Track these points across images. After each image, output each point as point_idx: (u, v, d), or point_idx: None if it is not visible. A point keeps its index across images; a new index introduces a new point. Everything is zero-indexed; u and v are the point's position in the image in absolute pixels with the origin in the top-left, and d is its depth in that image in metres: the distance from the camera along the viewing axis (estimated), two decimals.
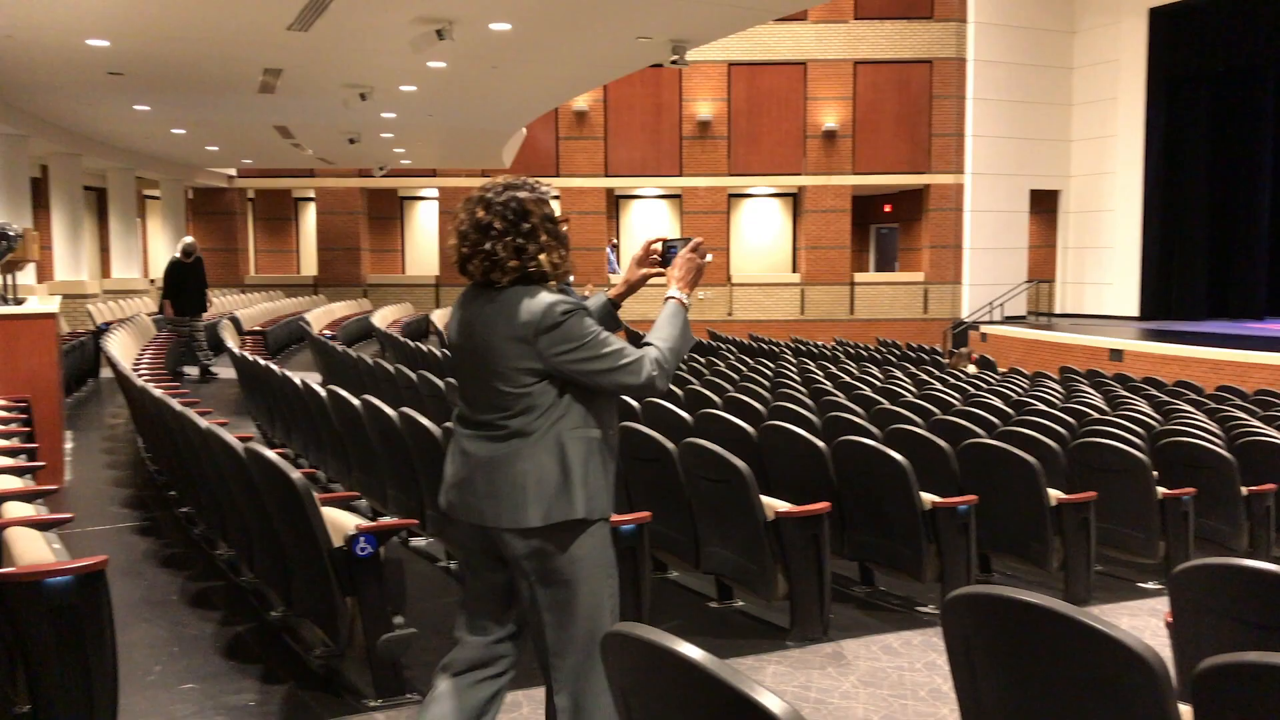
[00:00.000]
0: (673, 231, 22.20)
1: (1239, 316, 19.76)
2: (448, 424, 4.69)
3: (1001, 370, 14.07)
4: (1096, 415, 7.83)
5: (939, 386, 10.17)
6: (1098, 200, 21.37)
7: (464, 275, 2.54)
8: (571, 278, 2.63)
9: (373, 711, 3.40)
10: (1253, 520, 5.96)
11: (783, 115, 21.42)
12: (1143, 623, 4.71)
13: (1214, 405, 9.46)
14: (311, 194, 23.03)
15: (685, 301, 2.64)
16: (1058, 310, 21.88)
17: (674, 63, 10.06)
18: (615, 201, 22.64)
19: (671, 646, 1.69)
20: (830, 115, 21.35)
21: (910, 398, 8.67)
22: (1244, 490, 5.90)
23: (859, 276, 22.33)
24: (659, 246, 2.70)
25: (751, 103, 21.41)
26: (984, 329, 19.98)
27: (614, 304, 2.78)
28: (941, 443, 5.42)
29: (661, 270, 2.70)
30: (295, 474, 3.42)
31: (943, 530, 4.60)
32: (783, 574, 4.19)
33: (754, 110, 21.44)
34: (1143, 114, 20.26)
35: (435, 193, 22.75)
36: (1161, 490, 5.53)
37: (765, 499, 4.30)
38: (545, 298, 2.45)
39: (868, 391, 9.06)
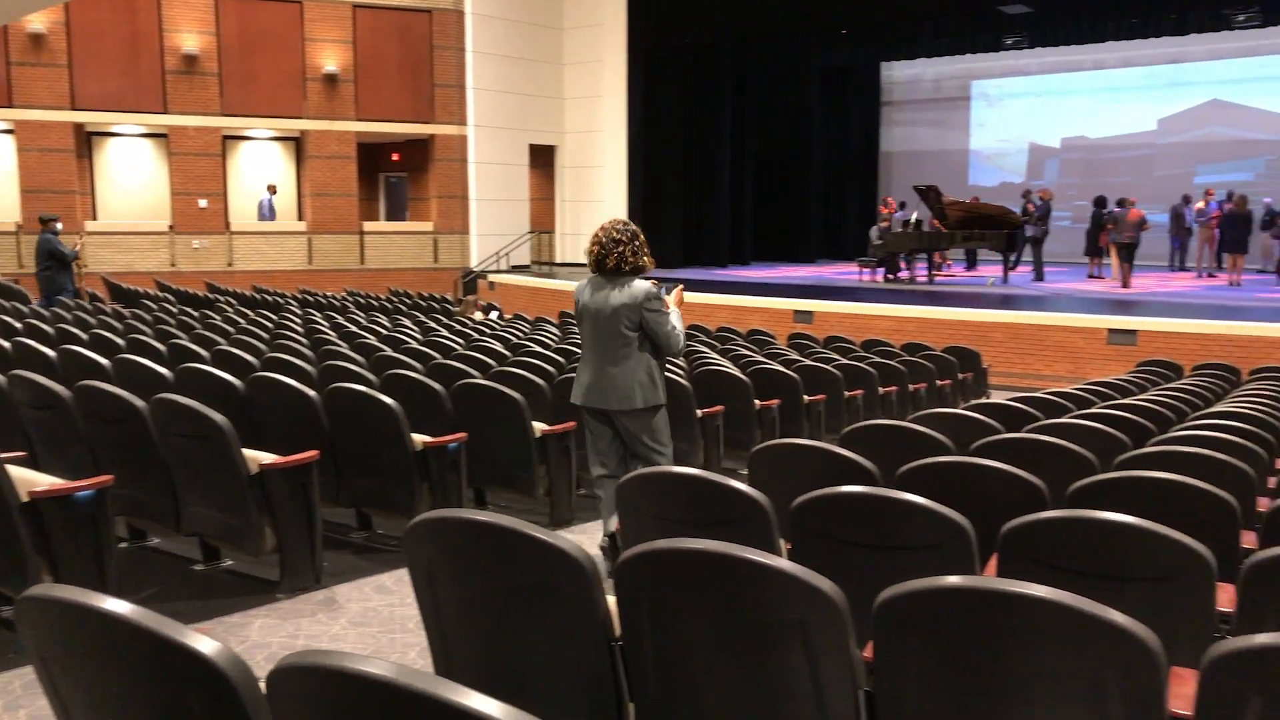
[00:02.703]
0: (161, 173, 20.34)
1: (709, 264, 22.39)
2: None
3: (507, 317, 14.71)
4: None
5: (445, 333, 10.39)
6: (589, 157, 22.96)
7: (598, 268, 4.54)
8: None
9: None
10: (706, 438, 6.84)
11: (280, 55, 20.33)
12: None
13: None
14: None
15: (676, 309, 4.69)
16: (559, 260, 23.28)
17: None
18: (88, 139, 20.14)
19: (92, 603, 1.58)
20: (330, 58, 20.66)
21: (414, 344, 8.77)
22: (699, 412, 6.74)
23: (369, 226, 22.02)
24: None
25: (244, 39, 20.04)
26: (492, 278, 20.74)
27: None
28: (436, 385, 5.58)
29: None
30: None
31: (434, 468, 4.75)
32: (271, 527, 4.08)
33: (248, 47, 20.10)
34: (625, 77, 22.01)
35: None
36: None
37: (250, 452, 4.15)
38: (647, 285, 4.51)
39: (373, 340, 9.04)
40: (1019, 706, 1.90)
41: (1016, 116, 24.73)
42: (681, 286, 4.89)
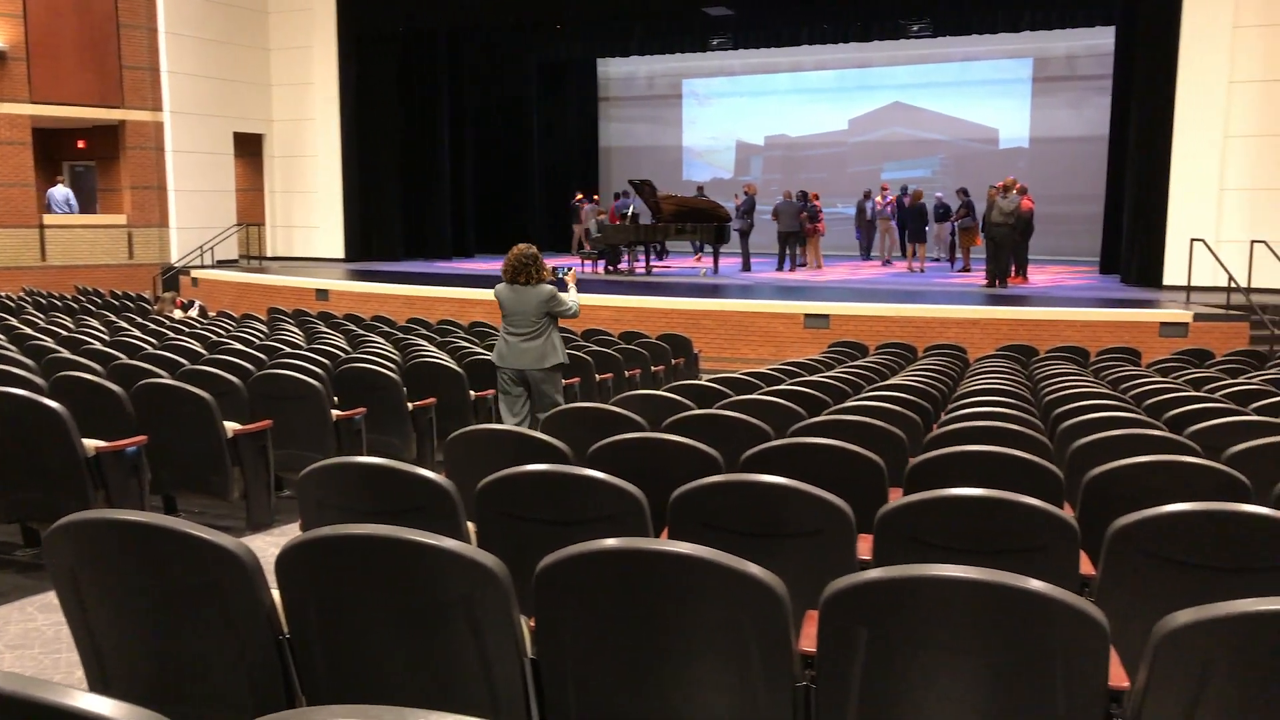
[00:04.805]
0: None
1: (432, 257, 22.03)
2: None
3: (212, 313, 13.87)
4: (290, 350, 8.14)
5: (136, 332, 9.67)
6: (300, 146, 21.96)
7: (514, 278, 6.53)
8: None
9: None
10: (419, 431, 6.76)
11: None
12: None
13: (401, 335, 10.48)
14: None
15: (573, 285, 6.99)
16: (269, 253, 22.14)
17: None
18: None
19: None
20: None
21: (99, 345, 8.10)
22: (410, 405, 6.65)
23: (50, 219, 20.02)
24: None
25: None
26: (195, 273, 19.46)
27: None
28: (113, 386, 5.18)
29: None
30: None
31: (110, 474, 4.42)
32: None
33: None
34: (336, 64, 21.22)
35: None
36: (336, 412, 5.98)
37: None
38: (549, 288, 6.52)
39: (49, 342, 8.27)
40: (671, 659, 2.02)
41: (724, 115, 26.00)
42: (574, 270, 7.26)
